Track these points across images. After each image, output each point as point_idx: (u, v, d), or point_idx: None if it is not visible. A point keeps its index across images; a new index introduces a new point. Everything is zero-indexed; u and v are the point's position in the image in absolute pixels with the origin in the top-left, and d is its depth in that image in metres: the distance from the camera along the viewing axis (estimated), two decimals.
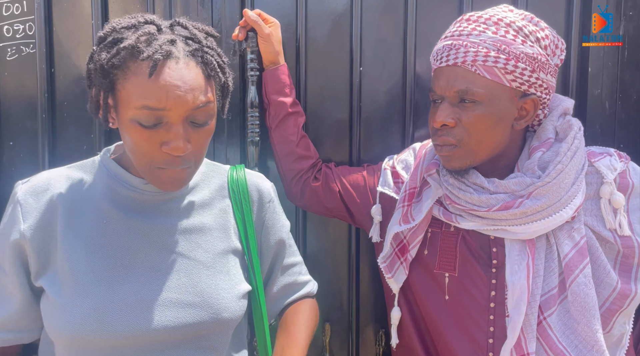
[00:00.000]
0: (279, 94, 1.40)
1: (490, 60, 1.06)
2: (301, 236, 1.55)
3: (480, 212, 1.12)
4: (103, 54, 0.88)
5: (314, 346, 1.56)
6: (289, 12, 1.49)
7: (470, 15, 1.13)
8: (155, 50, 0.86)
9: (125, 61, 0.87)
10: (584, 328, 1.07)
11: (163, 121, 0.88)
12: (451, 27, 1.16)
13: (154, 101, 0.86)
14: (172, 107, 0.87)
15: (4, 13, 1.47)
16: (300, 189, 1.41)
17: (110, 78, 0.88)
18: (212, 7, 1.46)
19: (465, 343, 1.15)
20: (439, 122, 1.11)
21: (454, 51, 1.09)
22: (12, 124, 1.49)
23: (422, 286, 1.21)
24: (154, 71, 0.85)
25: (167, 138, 0.88)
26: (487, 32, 1.08)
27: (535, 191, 1.09)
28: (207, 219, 1.04)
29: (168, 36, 0.90)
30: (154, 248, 0.97)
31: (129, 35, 0.89)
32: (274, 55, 1.40)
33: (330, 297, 1.56)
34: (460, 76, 1.09)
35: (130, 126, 0.88)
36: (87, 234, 0.96)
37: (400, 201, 1.25)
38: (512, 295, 1.09)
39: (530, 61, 1.07)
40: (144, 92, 0.86)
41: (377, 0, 1.48)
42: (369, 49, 1.50)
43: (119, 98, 0.89)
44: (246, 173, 1.12)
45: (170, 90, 0.86)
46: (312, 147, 1.45)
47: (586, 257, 1.08)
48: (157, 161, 0.91)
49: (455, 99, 1.10)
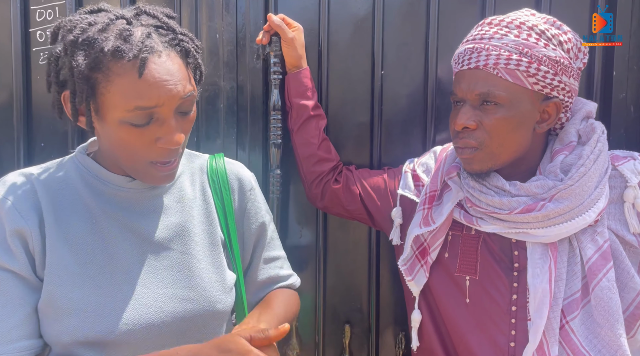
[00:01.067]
0: (301, 97, 1.42)
1: (512, 63, 1.06)
2: (322, 238, 1.56)
3: (502, 215, 1.12)
4: (79, 58, 0.84)
5: (333, 347, 1.59)
6: (312, 16, 1.51)
7: (492, 19, 1.13)
8: (139, 49, 0.83)
9: (107, 63, 0.84)
10: (607, 332, 1.06)
11: (154, 117, 0.87)
12: (473, 30, 1.16)
13: (146, 101, 0.85)
14: (164, 102, 0.86)
15: (37, 19, 1.52)
16: (321, 191, 1.43)
17: (91, 83, 0.85)
18: (236, 12, 1.49)
19: (486, 347, 1.15)
20: (461, 124, 1.11)
21: (476, 54, 1.10)
22: (43, 126, 1.54)
23: (443, 289, 1.22)
24: (143, 71, 0.83)
25: (161, 133, 0.88)
26: (509, 35, 1.08)
27: (557, 194, 1.09)
28: (193, 212, 1.04)
29: (141, 29, 0.87)
30: (145, 245, 0.97)
31: (103, 35, 0.84)
32: (297, 59, 1.42)
33: (351, 299, 1.57)
34: (481, 79, 1.09)
35: (120, 127, 0.87)
36: (77, 235, 0.93)
37: (420, 204, 1.26)
38: (534, 298, 1.08)
39: (553, 64, 1.07)
40: (134, 93, 0.84)
41: (399, 5, 1.49)
42: (391, 52, 1.51)
43: (102, 102, 0.86)
44: (226, 162, 1.12)
45: (161, 86, 0.85)
46: (333, 150, 1.46)
47: (610, 261, 1.07)
48: (152, 157, 0.90)
49: (476, 102, 1.11)
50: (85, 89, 0.85)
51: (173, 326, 0.94)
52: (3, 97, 1.53)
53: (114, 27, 0.85)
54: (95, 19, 0.86)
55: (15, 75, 1.51)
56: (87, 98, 0.85)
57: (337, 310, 1.58)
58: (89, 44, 0.83)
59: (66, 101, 0.90)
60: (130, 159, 0.91)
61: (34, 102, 1.53)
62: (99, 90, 0.85)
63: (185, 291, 0.97)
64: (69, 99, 0.88)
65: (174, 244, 0.99)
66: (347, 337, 1.56)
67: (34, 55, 1.52)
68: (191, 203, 1.04)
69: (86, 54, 0.83)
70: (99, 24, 0.85)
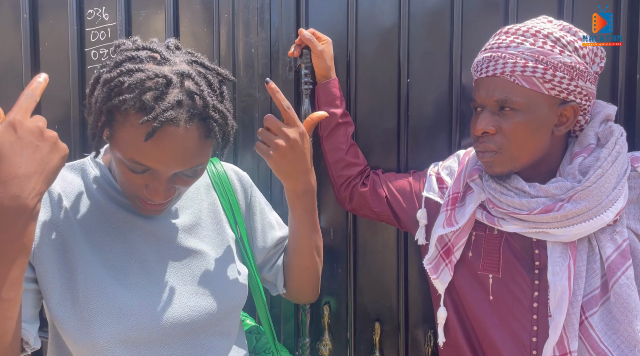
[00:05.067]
0: (330, 106, 1.49)
1: (528, 70, 1.09)
2: (352, 240, 1.61)
3: (522, 215, 1.14)
4: (104, 95, 0.85)
5: (364, 344, 1.62)
6: (341, 29, 1.57)
7: (509, 28, 1.16)
8: (156, 114, 0.82)
9: (128, 110, 0.83)
10: (626, 328, 1.07)
11: (150, 170, 0.88)
12: (491, 39, 1.20)
13: (143, 159, 0.85)
14: (161, 168, 0.87)
15: (91, 39, 1.65)
16: (349, 194, 1.48)
17: (111, 116, 0.86)
18: (270, 28, 1.57)
19: (509, 342, 1.17)
20: (480, 129, 1.15)
21: (493, 63, 1.13)
22: None
23: (467, 287, 1.25)
24: (149, 138, 0.82)
25: (151, 185, 0.89)
26: (525, 43, 1.11)
27: (575, 195, 1.11)
28: (202, 214, 1.08)
29: (175, 93, 0.84)
30: (163, 245, 1.00)
31: (138, 86, 0.83)
32: (326, 70, 1.49)
33: (380, 298, 1.61)
34: (499, 86, 1.12)
35: (120, 163, 0.89)
36: (101, 239, 0.95)
37: (444, 205, 1.30)
38: (554, 295, 1.11)
39: (569, 70, 1.09)
40: (136, 149, 0.84)
41: (424, 16, 1.53)
42: (416, 61, 1.54)
43: (113, 135, 0.87)
44: (223, 166, 1.18)
45: (163, 155, 0.85)
46: (360, 155, 1.51)
47: (629, 259, 1.09)
48: (140, 194, 0.92)
49: (495, 108, 1.14)
50: (103, 120, 0.86)
51: (196, 321, 0.98)
52: (62, 111, 1.65)
53: (150, 83, 0.83)
54: (140, 67, 0.85)
55: (72, 91, 1.63)
56: (103, 126, 0.87)
57: (368, 308, 1.61)
58: (121, 85, 0.84)
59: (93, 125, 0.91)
60: (123, 188, 0.94)
61: None
62: (115, 125, 0.86)
63: (204, 287, 1.00)
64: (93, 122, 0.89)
65: (188, 243, 1.03)
66: (378, 334, 1.59)
67: (88, 73, 1.64)
68: (199, 205, 1.09)
69: (114, 94, 0.84)
70: (138, 73, 0.84)
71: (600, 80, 1.42)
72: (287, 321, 1.61)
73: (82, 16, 1.64)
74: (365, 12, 1.56)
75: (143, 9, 1.63)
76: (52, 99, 1.66)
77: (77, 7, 1.63)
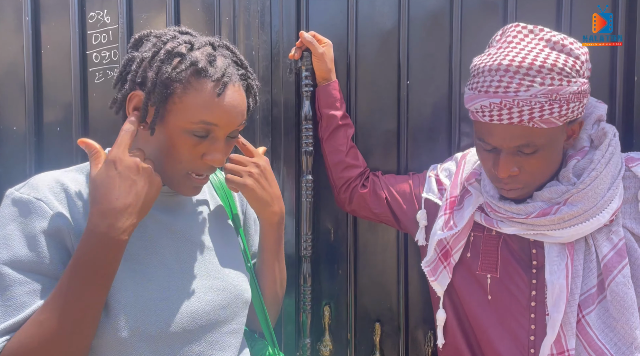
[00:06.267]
0: (330, 108, 1.50)
1: (545, 113, 1.05)
2: (352, 241, 1.62)
3: (520, 219, 1.16)
4: (168, 66, 0.91)
5: (365, 345, 1.63)
6: (341, 32, 1.58)
7: (508, 65, 1.06)
8: (222, 74, 0.92)
9: (188, 77, 0.91)
10: (622, 326, 1.08)
11: (210, 134, 0.95)
12: (489, 75, 1.09)
13: (213, 118, 0.92)
14: (225, 125, 0.94)
15: (92, 42, 1.65)
16: (349, 195, 1.49)
17: (169, 90, 0.91)
18: (271, 30, 1.58)
19: (507, 340, 1.18)
20: (505, 175, 1.12)
21: (506, 111, 1.07)
22: (98, 138, 1.57)
23: (466, 287, 1.26)
24: (221, 93, 0.92)
25: (210, 150, 0.95)
26: (535, 85, 1.04)
27: (571, 198, 1.12)
28: (210, 215, 1.11)
29: (222, 59, 0.95)
30: (179, 240, 1.01)
31: (195, 54, 0.92)
32: (327, 72, 1.50)
33: (381, 298, 1.62)
34: (518, 133, 1.08)
35: (181, 135, 0.93)
36: None
37: (442, 209, 1.30)
38: (552, 294, 1.12)
39: (578, 96, 1.07)
40: (206, 109, 0.92)
41: (424, 18, 1.55)
42: (416, 63, 1.56)
43: (171, 109, 0.92)
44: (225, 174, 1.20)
45: (228, 111, 0.93)
46: (360, 157, 1.52)
47: (625, 258, 1.10)
48: (194, 168, 0.97)
49: (514, 150, 1.11)
50: (163, 94, 0.91)
51: (212, 315, 0.99)
52: (63, 113, 1.66)
53: (203, 50, 0.94)
54: (190, 39, 0.94)
55: (74, 93, 1.64)
56: (160, 102, 0.92)
57: (368, 308, 1.62)
58: (181, 57, 0.92)
59: (132, 100, 0.95)
60: (172, 166, 0.96)
61: (90, 117, 1.66)
62: (171, 98, 0.91)
63: (218, 281, 1.02)
64: (142, 99, 0.93)
65: (201, 239, 1.05)
66: (378, 335, 1.60)
67: (90, 75, 1.65)
68: (207, 208, 1.12)
69: (176, 65, 0.91)
70: (192, 44, 0.94)
71: (598, 81, 1.43)
72: (287, 321, 1.62)
73: (83, 19, 1.65)
74: (365, 14, 1.57)
75: (144, 12, 1.64)
76: (53, 102, 1.67)
77: (79, 10, 1.64)
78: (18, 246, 0.86)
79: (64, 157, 1.66)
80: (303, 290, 1.59)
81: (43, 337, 0.81)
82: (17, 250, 0.86)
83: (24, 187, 0.92)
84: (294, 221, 1.60)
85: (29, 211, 0.88)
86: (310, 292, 1.59)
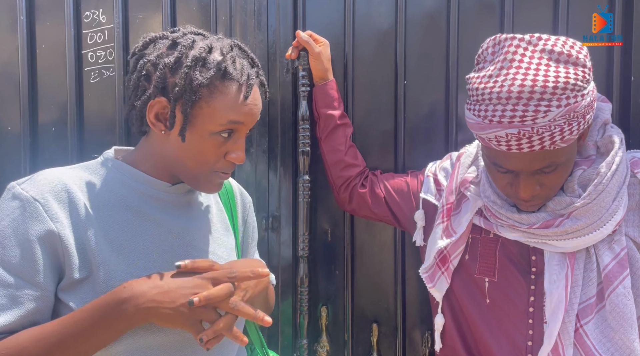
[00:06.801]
0: (328, 108, 1.49)
1: (566, 135, 1.01)
2: (349, 241, 1.61)
3: (522, 228, 1.14)
4: (195, 73, 0.92)
5: (362, 345, 1.63)
6: (338, 32, 1.58)
7: (519, 92, 0.99)
8: (247, 76, 0.96)
9: (215, 82, 0.93)
10: (621, 336, 1.07)
11: (233, 134, 0.98)
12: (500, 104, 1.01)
13: (239, 116, 0.95)
14: (249, 123, 0.99)
15: (88, 41, 1.64)
16: (349, 195, 1.48)
17: (197, 96, 0.92)
18: (267, 30, 1.58)
19: (505, 345, 1.17)
20: (528, 196, 1.08)
21: (526, 140, 1.01)
22: (94, 138, 1.65)
23: (464, 291, 1.24)
24: (248, 95, 0.95)
25: (233, 149, 0.98)
26: (552, 109, 0.98)
27: (575, 212, 1.09)
28: (214, 219, 1.11)
29: (241, 60, 0.98)
30: (183, 246, 1.00)
31: (222, 58, 0.94)
32: (324, 72, 1.50)
33: (378, 299, 1.61)
34: (539, 158, 1.04)
35: (209, 138, 0.95)
36: (119, 237, 0.94)
37: (438, 217, 1.29)
38: (550, 303, 1.10)
39: (591, 105, 1.04)
40: (233, 110, 0.94)
41: (420, 18, 1.55)
42: (413, 63, 1.56)
43: (198, 114, 0.94)
44: (229, 180, 1.21)
45: (252, 109, 0.97)
46: (359, 156, 1.52)
47: (626, 268, 1.08)
48: (218, 167, 0.99)
49: (534, 172, 1.07)
50: (191, 100, 0.92)
51: None
52: (58, 113, 1.65)
53: (223, 52, 0.96)
54: (209, 44, 0.95)
55: (69, 93, 1.63)
56: (188, 108, 0.93)
57: (365, 309, 1.62)
58: (208, 62, 0.93)
59: (153, 107, 0.95)
60: (198, 167, 0.98)
61: (85, 117, 1.65)
62: (198, 103, 0.93)
63: None
64: (167, 106, 0.94)
65: (202, 245, 1.04)
66: (375, 335, 1.60)
67: (85, 75, 1.64)
68: (211, 212, 1.12)
69: (205, 71, 0.93)
70: (211, 47, 0.95)
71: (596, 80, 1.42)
72: (284, 323, 1.61)
73: (79, 18, 1.64)
74: (363, 14, 1.57)
75: (140, 11, 1.63)
76: (49, 102, 1.66)
77: (74, 10, 1.63)
78: (8, 246, 0.87)
79: (59, 158, 1.65)
80: (300, 291, 1.59)
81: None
82: (8, 251, 0.87)
83: (26, 182, 0.92)
84: (291, 222, 1.60)
85: (24, 210, 0.88)
86: (307, 293, 1.58)
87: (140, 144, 1.04)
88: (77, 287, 0.90)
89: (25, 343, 0.84)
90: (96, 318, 0.85)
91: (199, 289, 0.88)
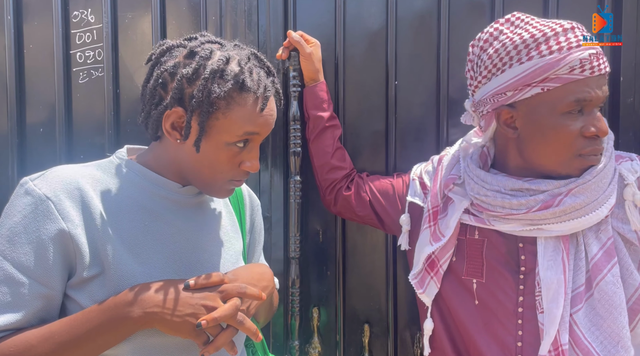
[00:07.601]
0: (317, 109, 1.49)
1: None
2: (341, 242, 1.61)
3: (519, 215, 1.13)
4: (213, 86, 0.92)
5: (354, 346, 1.63)
6: (329, 32, 1.57)
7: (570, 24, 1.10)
8: (264, 88, 0.96)
9: (231, 93, 0.93)
10: (610, 324, 1.08)
11: (247, 144, 0.98)
12: (564, 34, 1.09)
13: (255, 127, 0.96)
14: (265, 132, 1.00)
15: (76, 41, 1.63)
16: (334, 197, 1.48)
17: (214, 107, 0.93)
18: (258, 30, 1.57)
19: (494, 347, 1.16)
20: (606, 127, 1.10)
21: (602, 59, 1.09)
22: (82, 139, 1.64)
23: (453, 293, 1.24)
24: (264, 107, 0.96)
25: (248, 158, 1.00)
26: (587, 36, 1.10)
27: (575, 189, 1.11)
28: (223, 222, 1.11)
29: (257, 70, 0.98)
30: (192, 247, 1.01)
31: (239, 70, 0.94)
32: (315, 72, 1.49)
33: (370, 300, 1.61)
34: (604, 83, 1.10)
35: (224, 148, 0.96)
36: (131, 236, 0.94)
37: (425, 222, 1.28)
38: (549, 290, 1.10)
39: None
40: (250, 122, 0.95)
41: (411, 19, 1.55)
42: (404, 63, 1.55)
43: (214, 125, 0.94)
44: None
45: (268, 120, 0.98)
46: (347, 159, 1.51)
47: (614, 257, 1.10)
48: (234, 176, 1.01)
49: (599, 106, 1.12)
50: (209, 111, 0.93)
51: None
52: (46, 114, 1.63)
53: (245, 66, 0.95)
54: (227, 55, 0.95)
55: (58, 93, 1.62)
56: (204, 119, 0.93)
57: (357, 310, 1.62)
58: (226, 74, 0.93)
59: (169, 117, 0.95)
60: (212, 177, 0.99)
61: (74, 118, 1.64)
62: (215, 114, 0.93)
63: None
64: (183, 117, 0.95)
65: (211, 247, 1.05)
66: (367, 336, 1.60)
67: (74, 75, 1.63)
68: (222, 214, 1.12)
69: (223, 83, 0.92)
70: (234, 60, 0.95)
71: None
72: (276, 324, 1.61)
73: (67, 18, 1.62)
74: (353, 14, 1.57)
75: (129, 11, 1.62)
76: (36, 102, 1.64)
77: (62, 9, 1.61)
78: (19, 243, 0.88)
79: (47, 159, 1.64)
80: (291, 292, 1.58)
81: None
82: (18, 248, 0.87)
83: (39, 178, 0.92)
84: (282, 223, 1.59)
85: (36, 208, 0.89)
86: (298, 294, 1.58)
87: (154, 146, 1.05)
88: (87, 285, 0.90)
89: (33, 342, 0.85)
90: (103, 319, 0.86)
91: (208, 302, 0.89)
